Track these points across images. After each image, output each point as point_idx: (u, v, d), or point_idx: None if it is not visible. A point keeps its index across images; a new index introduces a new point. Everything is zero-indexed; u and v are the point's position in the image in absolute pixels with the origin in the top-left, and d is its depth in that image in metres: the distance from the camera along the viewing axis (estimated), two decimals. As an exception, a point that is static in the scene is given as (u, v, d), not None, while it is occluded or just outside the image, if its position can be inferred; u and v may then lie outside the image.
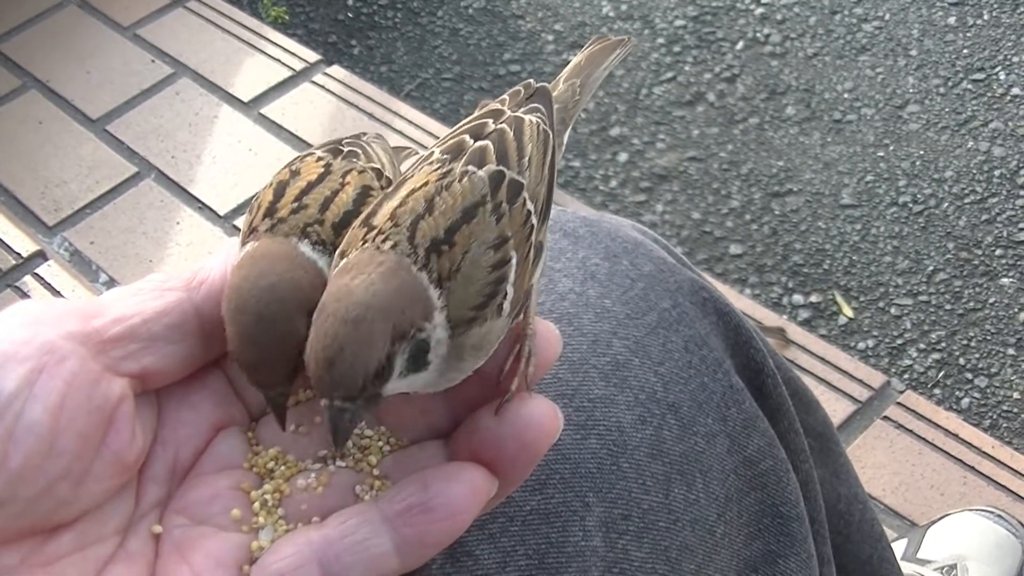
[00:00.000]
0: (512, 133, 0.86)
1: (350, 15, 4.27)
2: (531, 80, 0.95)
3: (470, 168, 0.81)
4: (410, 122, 3.46)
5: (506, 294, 0.78)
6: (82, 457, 0.75)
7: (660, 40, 4.04)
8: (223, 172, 3.39)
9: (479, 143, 0.84)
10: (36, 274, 2.96)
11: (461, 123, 0.89)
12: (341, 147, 0.95)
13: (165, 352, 0.81)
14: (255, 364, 0.79)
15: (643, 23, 4.11)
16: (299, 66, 3.69)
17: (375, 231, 0.77)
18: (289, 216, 0.85)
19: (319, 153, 0.93)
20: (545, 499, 0.99)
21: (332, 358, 0.72)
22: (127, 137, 3.53)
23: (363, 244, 0.77)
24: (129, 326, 0.80)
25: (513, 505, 0.97)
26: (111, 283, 3.08)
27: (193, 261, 2.98)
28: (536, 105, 0.91)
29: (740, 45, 3.98)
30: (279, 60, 3.72)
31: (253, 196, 0.91)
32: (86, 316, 0.79)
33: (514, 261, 0.78)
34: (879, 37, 3.93)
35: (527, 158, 0.84)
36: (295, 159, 0.92)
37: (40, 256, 3.01)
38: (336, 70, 3.68)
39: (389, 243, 0.76)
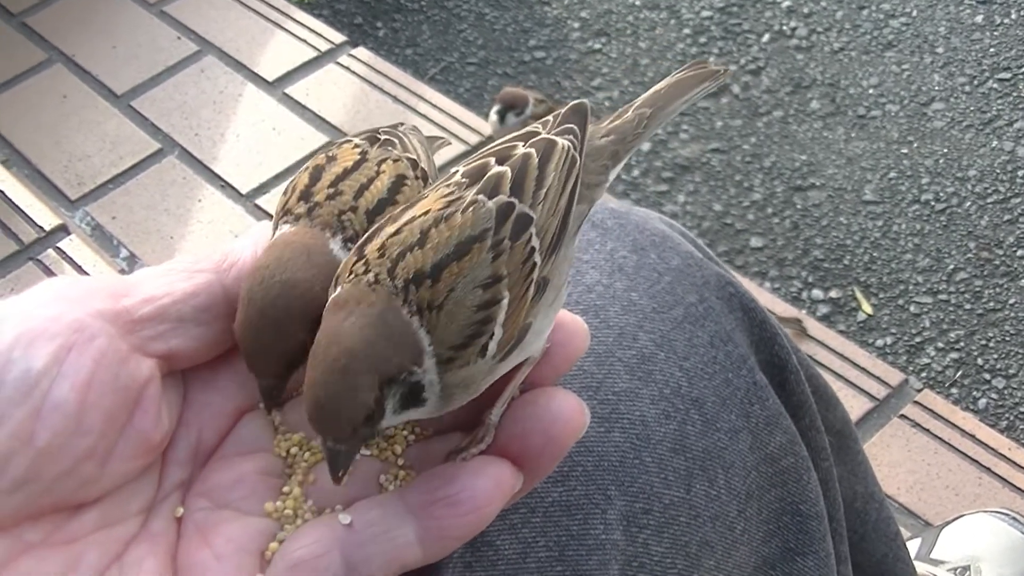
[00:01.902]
0: (537, 160, 0.82)
1: (376, -3, 4.28)
2: (583, 101, 0.90)
3: (480, 198, 0.79)
4: (434, 105, 3.46)
5: (492, 335, 0.76)
6: (107, 436, 0.75)
7: (686, 30, 4.04)
8: (246, 151, 3.39)
9: (497, 169, 0.81)
10: (58, 248, 2.97)
11: (494, 143, 0.86)
12: (378, 135, 0.95)
13: (193, 334, 0.81)
14: (251, 352, 0.80)
15: (669, 13, 4.10)
16: (324, 47, 3.69)
17: (362, 260, 0.76)
18: (325, 201, 0.85)
19: (356, 140, 0.93)
20: (567, 491, 0.98)
21: (322, 405, 0.72)
22: (151, 113, 3.53)
23: (351, 276, 0.76)
24: (159, 306, 0.80)
25: (535, 496, 0.97)
26: (132, 258, 3.09)
27: (214, 239, 2.99)
28: (570, 126, 0.87)
29: (766, 38, 3.97)
30: (304, 40, 3.72)
31: (280, 178, 0.91)
32: (115, 295, 0.79)
33: (505, 301, 0.76)
34: (906, 33, 3.91)
35: (545, 189, 0.81)
36: (331, 144, 0.92)
37: (62, 230, 3.01)
38: (361, 52, 3.68)
39: (371, 275, 0.75)
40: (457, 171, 0.82)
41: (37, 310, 0.76)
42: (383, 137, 0.94)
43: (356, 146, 0.91)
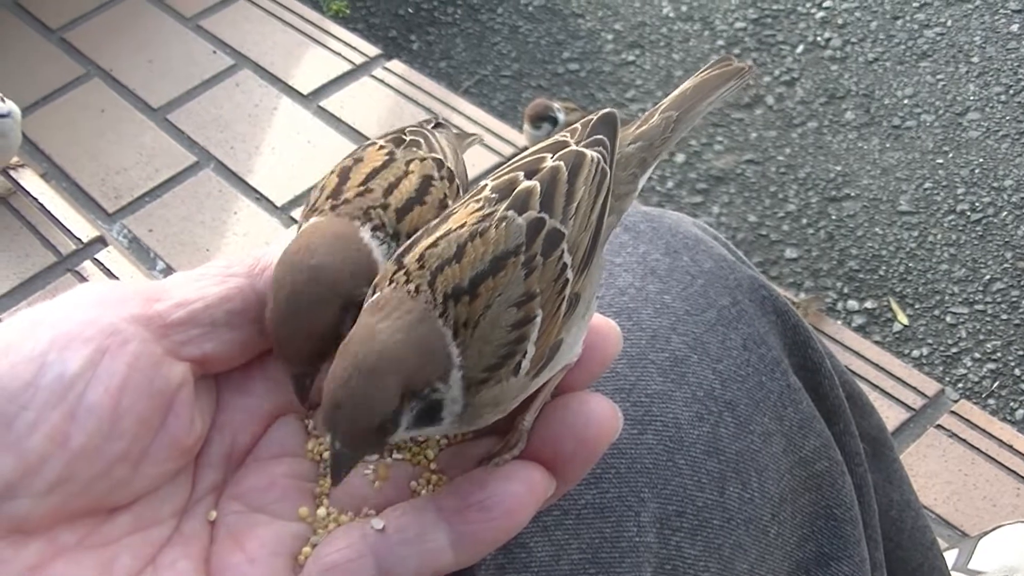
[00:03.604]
0: (567, 173, 0.81)
1: (410, 10, 4.29)
2: (612, 111, 0.87)
3: (510, 214, 0.77)
4: (468, 118, 3.47)
5: (525, 353, 0.75)
6: (141, 439, 0.76)
7: (720, 42, 4.03)
8: (281, 163, 3.41)
9: (526, 184, 0.80)
10: (96, 259, 2.99)
11: (522, 155, 0.85)
12: (404, 136, 0.95)
13: (226, 338, 0.81)
14: (282, 339, 0.80)
15: (703, 24, 4.10)
16: (359, 60, 3.71)
17: (403, 270, 0.75)
18: (355, 199, 0.85)
19: (381, 143, 0.93)
20: (600, 493, 0.98)
21: (340, 402, 0.71)
22: (187, 127, 3.56)
23: (391, 284, 0.75)
24: (191, 311, 0.80)
25: (568, 498, 0.97)
26: (168, 271, 3.11)
27: (249, 251, 3.00)
28: (600, 137, 0.85)
29: (800, 48, 3.97)
30: (339, 53, 3.73)
31: (312, 187, 0.91)
32: (149, 299, 0.80)
33: (539, 319, 0.75)
34: (941, 43, 3.90)
35: (576, 203, 0.79)
36: (357, 148, 0.92)
37: (100, 242, 3.03)
38: (395, 64, 3.70)
39: (412, 285, 0.74)
40: (486, 185, 0.81)
41: (72, 314, 0.76)
42: (409, 138, 0.94)
43: (382, 148, 0.91)
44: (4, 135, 2.95)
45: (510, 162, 0.84)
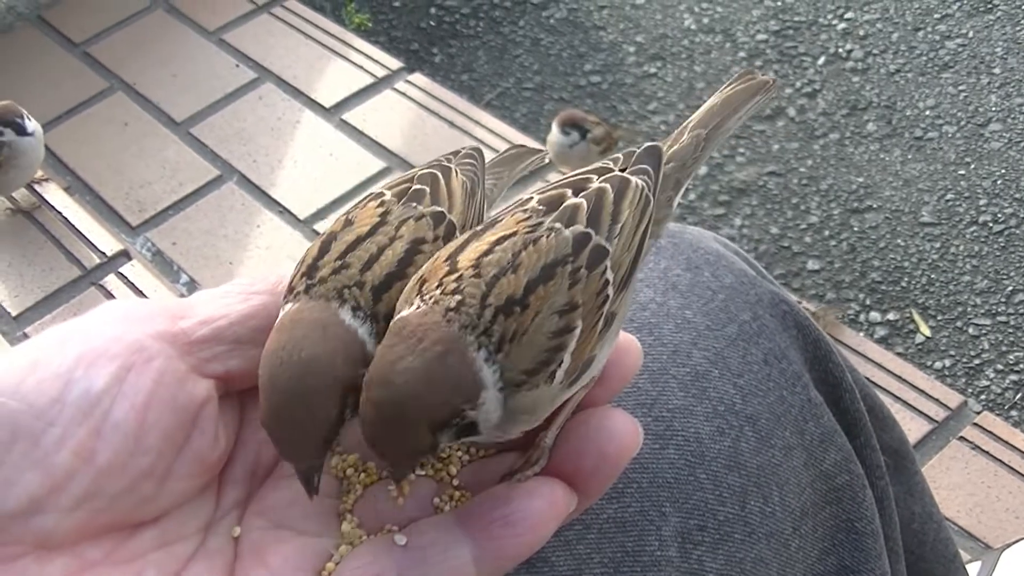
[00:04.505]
0: (612, 195, 0.82)
1: (432, 23, 4.30)
2: (658, 144, 0.88)
3: (557, 226, 0.78)
4: (490, 131, 3.47)
5: (562, 362, 0.75)
6: (166, 455, 0.76)
7: (741, 54, 4.04)
8: (304, 177, 3.42)
9: (574, 200, 0.81)
10: (120, 273, 3.01)
11: (568, 175, 0.85)
12: (412, 183, 0.90)
13: (250, 355, 0.81)
14: (282, 440, 0.77)
15: (724, 36, 4.11)
16: (381, 73, 3.72)
17: (456, 275, 0.75)
18: (330, 276, 0.81)
19: (385, 196, 0.89)
20: (622, 507, 0.98)
21: (373, 439, 0.72)
22: (210, 140, 3.58)
23: (437, 288, 0.75)
24: (215, 328, 0.80)
25: (590, 513, 0.97)
26: (192, 284, 3.12)
27: (272, 264, 3.02)
28: (644, 167, 0.86)
29: (822, 60, 3.97)
30: (361, 67, 3.74)
31: (338, 203, 0.89)
32: (174, 316, 0.80)
33: (578, 331, 0.76)
34: (962, 55, 3.90)
35: (620, 224, 0.80)
36: (360, 200, 0.89)
37: (124, 255, 3.05)
38: (417, 77, 3.71)
39: (456, 298, 0.73)
40: (532, 198, 0.82)
41: (98, 331, 0.77)
42: (415, 187, 0.90)
43: (381, 204, 0.87)
44: (26, 153, 2.97)
45: (555, 181, 0.85)
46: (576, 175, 0.85)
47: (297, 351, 0.76)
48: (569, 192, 0.82)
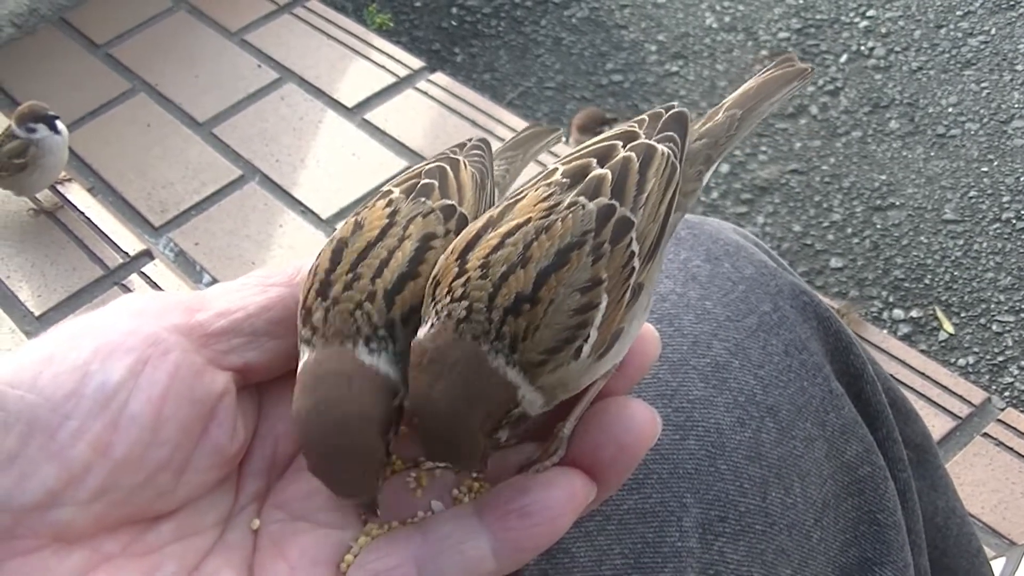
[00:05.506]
0: (638, 164, 0.81)
1: (454, 23, 4.30)
2: (675, 104, 0.88)
3: (580, 200, 0.77)
4: (512, 130, 3.46)
5: (588, 338, 0.75)
6: (183, 448, 0.76)
7: (763, 52, 4.03)
8: (326, 176, 3.43)
9: (598, 172, 0.80)
10: (142, 273, 3.02)
11: (593, 140, 0.85)
12: (420, 178, 0.90)
13: (267, 347, 0.81)
14: (337, 487, 0.77)
15: (746, 35, 4.10)
16: (403, 72, 3.72)
17: (464, 278, 0.75)
18: (342, 293, 0.80)
19: (394, 193, 0.88)
20: (643, 498, 0.98)
21: (441, 458, 0.75)
22: (233, 140, 3.59)
23: (447, 296, 0.74)
24: (232, 320, 0.80)
25: (610, 504, 0.97)
26: (214, 284, 3.11)
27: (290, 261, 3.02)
28: (671, 134, 0.85)
29: (844, 58, 3.96)
30: (383, 66, 3.75)
31: (360, 202, 0.88)
32: (190, 309, 0.80)
33: (603, 305, 0.75)
34: (985, 51, 3.88)
35: (646, 194, 0.80)
36: (368, 201, 0.88)
37: (146, 255, 3.07)
38: (439, 77, 3.71)
39: (464, 305, 0.73)
40: (557, 169, 0.82)
41: (114, 324, 0.77)
42: (423, 181, 0.89)
43: (389, 203, 0.86)
44: (53, 152, 3.00)
45: (579, 148, 0.84)
46: (602, 141, 0.84)
47: (329, 412, 0.76)
48: (594, 162, 0.81)
